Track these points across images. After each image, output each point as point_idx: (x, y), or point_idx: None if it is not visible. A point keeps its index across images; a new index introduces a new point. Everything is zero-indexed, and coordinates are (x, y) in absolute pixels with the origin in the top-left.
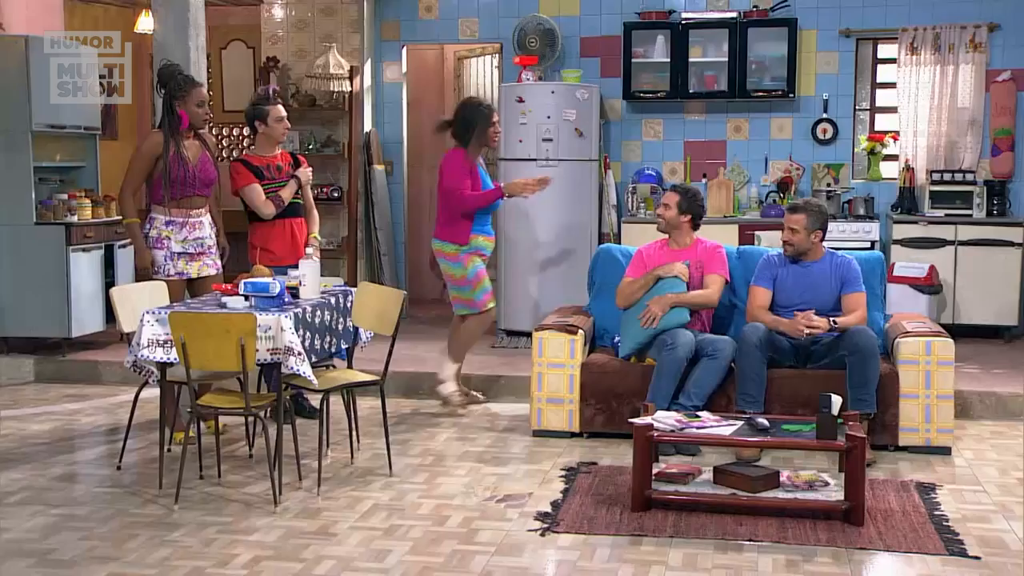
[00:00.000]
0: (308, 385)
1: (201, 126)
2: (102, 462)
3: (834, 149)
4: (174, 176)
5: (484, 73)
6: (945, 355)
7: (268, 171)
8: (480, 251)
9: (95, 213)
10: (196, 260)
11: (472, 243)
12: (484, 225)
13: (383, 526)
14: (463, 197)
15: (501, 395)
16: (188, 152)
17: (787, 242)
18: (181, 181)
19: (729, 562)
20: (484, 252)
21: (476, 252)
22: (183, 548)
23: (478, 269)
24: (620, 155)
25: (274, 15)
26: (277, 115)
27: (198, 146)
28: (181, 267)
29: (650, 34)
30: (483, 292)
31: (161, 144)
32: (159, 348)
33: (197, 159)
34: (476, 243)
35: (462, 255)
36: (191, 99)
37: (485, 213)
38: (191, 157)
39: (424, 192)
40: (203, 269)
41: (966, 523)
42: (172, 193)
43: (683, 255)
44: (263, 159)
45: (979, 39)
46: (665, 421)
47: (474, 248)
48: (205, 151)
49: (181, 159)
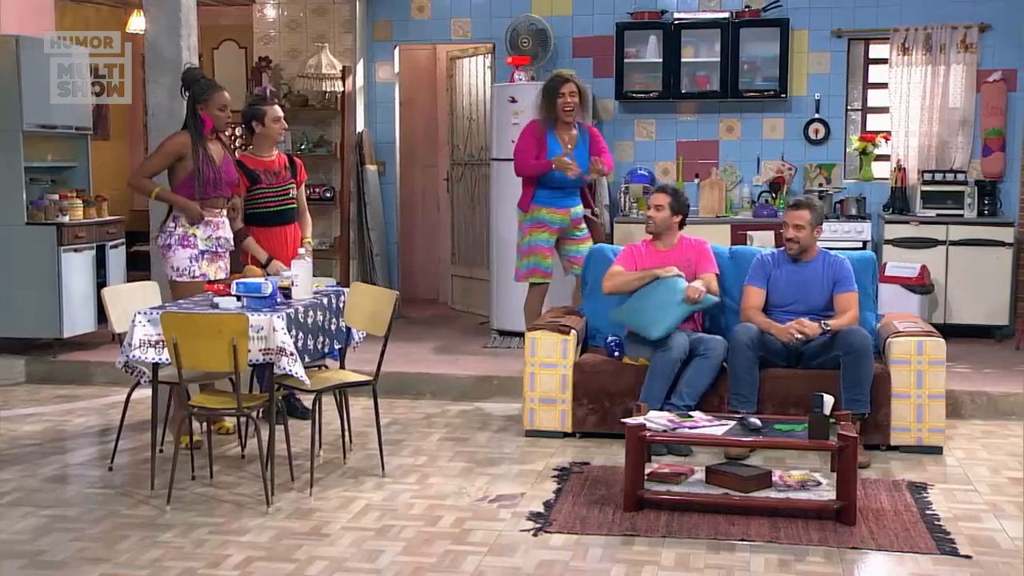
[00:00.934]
0: (300, 385)
1: (223, 129)
2: (93, 463)
3: (826, 149)
4: (204, 178)
5: (477, 73)
6: (936, 355)
7: (265, 175)
8: (544, 223)
9: (87, 213)
10: (215, 261)
11: (533, 213)
12: (553, 198)
13: (375, 526)
14: (516, 161)
15: (494, 395)
16: (213, 154)
17: (792, 239)
18: (211, 182)
19: (721, 562)
20: (549, 224)
21: (538, 224)
22: (175, 549)
23: (533, 242)
24: (613, 155)
25: (266, 15)
26: (274, 116)
27: (220, 148)
28: (204, 268)
29: (642, 34)
30: (526, 266)
31: (186, 144)
32: (151, 349)
33: (221, 161)
34: (538, 214)
35: (524, 224)
36: (213, 103)
37: (559, 187)
38: (216, 158)
39: (417, 192)
40: (218, 272)
41: (957, 522)
42: (203, 193)
43: (672, 255)
44: (260, 162)
45: (970, 39)
46: (657, 421)
47: (535, 219)
48: (226, 152)
49: (210, 160)
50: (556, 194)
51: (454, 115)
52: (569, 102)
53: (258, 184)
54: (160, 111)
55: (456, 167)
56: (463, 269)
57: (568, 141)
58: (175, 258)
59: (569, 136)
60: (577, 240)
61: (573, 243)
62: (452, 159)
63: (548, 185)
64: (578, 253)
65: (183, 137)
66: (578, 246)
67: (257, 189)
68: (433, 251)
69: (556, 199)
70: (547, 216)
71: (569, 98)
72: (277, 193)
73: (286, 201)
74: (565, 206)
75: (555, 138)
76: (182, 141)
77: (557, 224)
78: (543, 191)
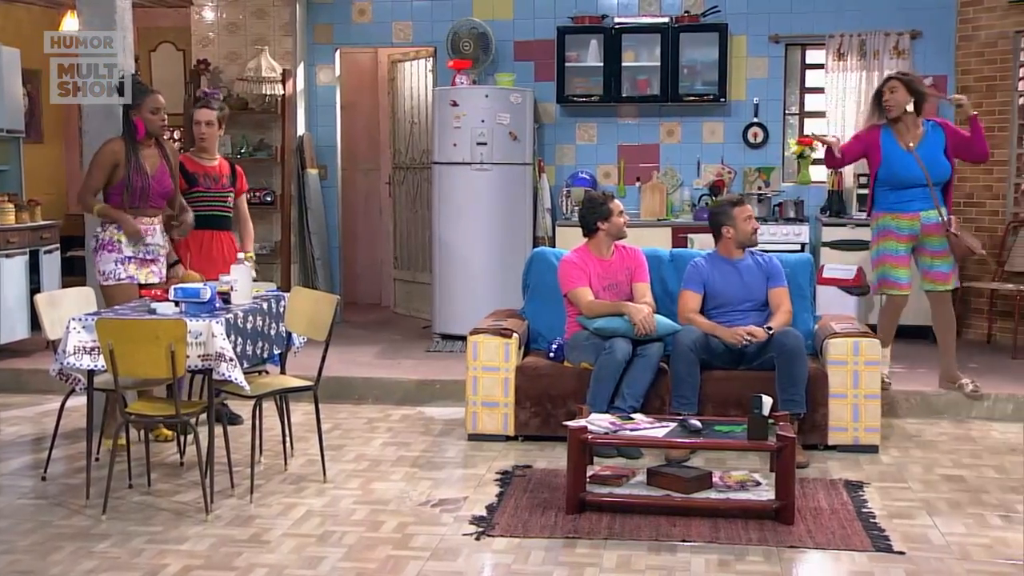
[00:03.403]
0: (240, 391)
1: (159, 133)
2: (26, 473)
3: (765, 153)
4: (133, 186)
5: (418, 76)
6: (872, 355)
7: (204, 179)
8: (890, 231)
9: (19, 218)
10: (145, 267)
11: (879, 221)
12: (899, 201)
13: (317, 533)
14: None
15: (436, 399)
16: (147, 162)
17: (756, 230)
18: (139, 192)
19: (663, 563)
20: (896, 232)
21: (885, 233)
22: (110, 559)
23: (881, 251)
24: (554, 159)
25: (204, 17)
26: (196, 119)
27: (157, 156)
28: (132, 271)
29: (583, 38)
30: (879, 276)
31: (118, 152)
32: (86, 355)
33: (155, 170)
34: (883, 222)
35: (873, 233)
36: (145, 107)
37: (906, 188)
38: (149, 168)
39: (359, 196)
40: (149, 276)
41: (892, 520)
42: (131, 203)
43: (613, 265)
44: (201, 166)
45: (902, 46)
46: (599, 423)
47: (881, 227)
48: (163, 162)
49: (139, 169)
50: (903, 196)
51: (396, 118)
52: (889, 98)
53: (195, 187)
54: (95, 113)
55: (398, 171)
56: (405, 273)
57: (911, 139)
58: (101, 262)
59: (913, 135)
60: (930, 253)
61: (927, 256)
62: (394, 163)
63: (899, 187)
64: (931, 267)
65: (115, 144)
66: (932, 261)
67: (194, 192)
68: (375, 255)
69: (904, 203)
70: (891, 223)
71: (889, 94)
72: (214, 198)
73: (222, 208)
74: (912, 211)
75: (892, 138)
76: (114, 149)
77: (904, 230)
78: (891, 194)
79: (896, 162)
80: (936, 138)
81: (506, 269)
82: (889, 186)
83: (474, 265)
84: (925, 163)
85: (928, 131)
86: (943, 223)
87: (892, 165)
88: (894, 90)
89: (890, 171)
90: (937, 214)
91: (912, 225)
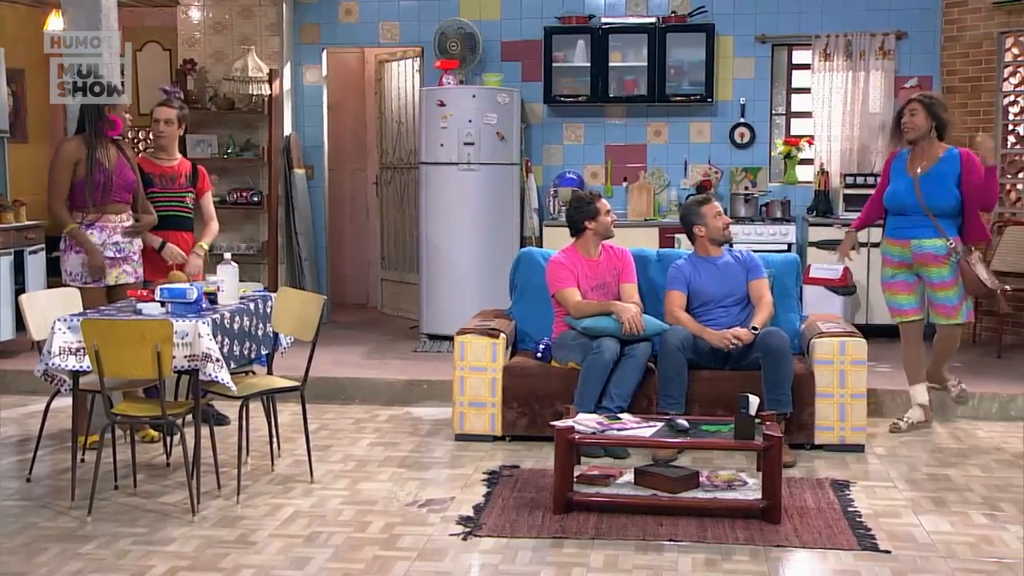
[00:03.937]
0: (227, 392)
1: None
2: (11, 474)
3: (751, 153)
4: (95, 182)
5: (405, 77)
6: (858, 355)
7: (159, 180)
8: (885, 257)
9: (4, 218)
10: (115, 267)
11: (883, 247)
12: (895, 227)
13: (304, 533)
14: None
15: (423, 399)
16: (104, 158)
17: (727, 226)
18: (101, 187)
19: (650, 562)
20: (890, 258)
21: (883, 258)
22: (96, 561)
23: (882, 278)
24: (541, 159)
25: (191, 17)
26: (155, 116)
27: (115, 151)
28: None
29: (570, 39)
30: (887, 302)
31: (76, 150)
32: (71, 356)
33: (114, 163)
34: (882, 247)
35: (882, 257)
36: (122, 105)
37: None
38: (108, 162)
39: (346, 196)
40: (121, 276)
41: (878, 518)
42: (94, 200)
43: (601, 265)
44: (157, 166)
45: (888, 47)
46: (586, 423)
47: (881, 252)
48: (121, 155)
49: (99, 164)
50: (901, 223)
51: (383, 119)
52: (908, 121)
53: (150, 188)
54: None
55: (385, 171)
56: (393, 273)
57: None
58: (67, 263)
59: (926, 160)
60: (930, 283)
61: (928, 286)
62: (381, 163)
63: (897, 213)
64: (934, 299)
65: (72, 143)
66: (934, 292)
67: (149, 193)
68: (362, 255)
69: (902, 229)
70: (889, 249)
71: (909, 117)
72: (169, 199)
73: (179, 208)
74: (907, 237)
75: (903, 163)
76: (73, 147)
77: (897, 257)
78: (894, 218)
79: (896, 187)
80: (947, 168)
81: (493, 269)
82: (890, 211)
83: (461, 265)
84: (922, 190)
85: (943, 158)
86: (946, 253)
87: (892, 190)
88: (914, 113)
89: (890, 195)
90: (933, 243)
91: (903, 252)
